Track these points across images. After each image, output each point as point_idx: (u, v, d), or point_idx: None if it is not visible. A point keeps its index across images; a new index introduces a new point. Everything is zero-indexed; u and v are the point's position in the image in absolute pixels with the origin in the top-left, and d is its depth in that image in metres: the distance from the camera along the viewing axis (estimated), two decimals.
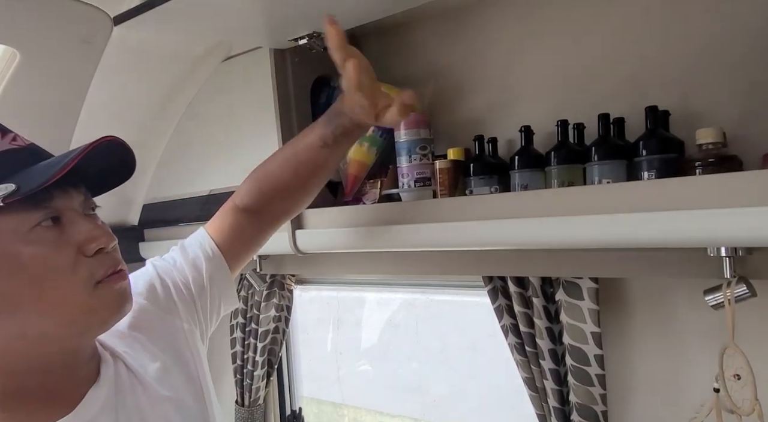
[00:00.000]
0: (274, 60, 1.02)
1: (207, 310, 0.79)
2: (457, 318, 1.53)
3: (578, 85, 0.95)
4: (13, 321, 0.54)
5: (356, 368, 1.84)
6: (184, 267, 0.78)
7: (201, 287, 0.77)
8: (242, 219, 0.83)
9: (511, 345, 1.03)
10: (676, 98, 0.85)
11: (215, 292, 0.79)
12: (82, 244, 0.56)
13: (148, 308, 0.73)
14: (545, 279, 0.98)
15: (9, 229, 0.53)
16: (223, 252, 0.81)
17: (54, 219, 0.56)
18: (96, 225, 0.58)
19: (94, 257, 0.57)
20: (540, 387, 0.99)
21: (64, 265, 0.55)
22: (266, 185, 0.83)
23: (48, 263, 0.54)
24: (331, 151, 0.79)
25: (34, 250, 0.54)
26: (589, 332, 0.92)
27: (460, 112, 1.09)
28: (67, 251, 0.55)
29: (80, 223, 0.57)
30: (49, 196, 0.55)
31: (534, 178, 0.91)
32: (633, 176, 0.83)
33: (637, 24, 0.89)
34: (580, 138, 0.90)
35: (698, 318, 0.88)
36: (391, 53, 1.16)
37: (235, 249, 0.83)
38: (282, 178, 0.82)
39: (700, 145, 0.76)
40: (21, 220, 0.54)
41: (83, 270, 0.56)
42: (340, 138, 0.77)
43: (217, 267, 0.79)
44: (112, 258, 0.59)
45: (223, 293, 0.80)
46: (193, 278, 0.77)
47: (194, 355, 0.73)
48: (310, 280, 1.56)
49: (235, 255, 0.83)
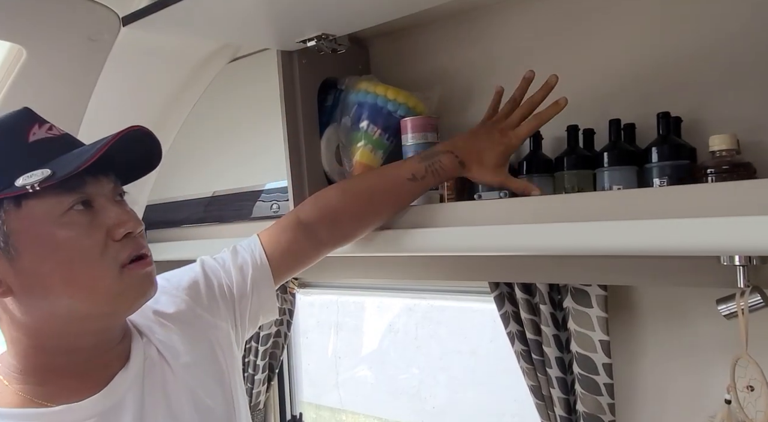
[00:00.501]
0: (281, 61, 1.01)
1: (245, 316, 0.79)
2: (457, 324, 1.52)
3: (588, 90, 0.94)
4: (45, 300, 0.58)
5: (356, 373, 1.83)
6: (231, 270, 0.79)
7: (243, 293, 0.78)
8: (300, 236, 0.83)
9: (517, 352, 1.02)
10: (688, 105, 0.83)
11: (256, 301, 0.80)
12: (111, 228, 0.60)
13: (189, 304, 0.74)
14: (553, 286, 0.96)
15: (44, 212, 0.57)
16: (272, 264, 0.81)
17: (85, 204, 0.59)
18: (124, 211, 0.62)
19: (120, 241, 0.60)
20: (546, 396, 0.98)
21: (94, 248, 0.58)
22: (339, 205, 0.85)
23: (79, 245, 0.58)
24: (416, 185, 0.83)
25: (66, 233, 0.57)
26: (598, 340, 0.91)
27: (468, 117, 1.08)
28: (96, 234, 0.59)
29: (110, 208, 0.60)
30: (81, 182, 0.58)
31: (543, 183, 0.90)
32: (644, 183, 0.81)
33: (649, 29, 0.88)
34: (590, 143, 0.90)
35: (710, 328, 0.86)
36: (399, 56, 1.15)
37: (285, 264, 0.83)
38: (356, 202, 0.84)
39: (713, 152, 0.75)
40: (55, 204, 0.57)
41: (110, 253, 0.59)
42: (430, 175, 0.82)
43: (263, 277, 0.80)
44: (136, 243, 0.62)
45: (264, 303, 0.81)
46: (237, 283, 0.78)
47: (227, 357, 0.74)
48: (313, 284, 1.55)
49: (283, 270, 0.83)
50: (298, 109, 1.05)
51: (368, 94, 1.07)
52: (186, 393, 0.67)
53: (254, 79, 1.14)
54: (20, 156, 0.57)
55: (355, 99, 1.08)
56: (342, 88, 1.10)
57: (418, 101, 1.06)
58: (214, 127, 1.29)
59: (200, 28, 0.87)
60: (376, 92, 1.06)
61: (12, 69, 0.84)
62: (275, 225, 0.86)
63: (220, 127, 1.28)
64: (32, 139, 0.58)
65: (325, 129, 1.09)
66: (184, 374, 0.68)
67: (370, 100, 1.06)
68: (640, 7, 0.89)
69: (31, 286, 0.58)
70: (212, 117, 1.27)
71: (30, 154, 0.58)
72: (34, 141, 0.58)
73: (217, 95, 1.20)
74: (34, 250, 0.57)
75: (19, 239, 0.57)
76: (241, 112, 1.23)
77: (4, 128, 0.60)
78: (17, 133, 0.59)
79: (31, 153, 0.58)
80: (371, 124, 1.06)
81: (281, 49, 1.01)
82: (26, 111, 0.62)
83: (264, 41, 0.99)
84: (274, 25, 0.90)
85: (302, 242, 0.84)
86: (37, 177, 0.54)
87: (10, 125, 0.60)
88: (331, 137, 1.11)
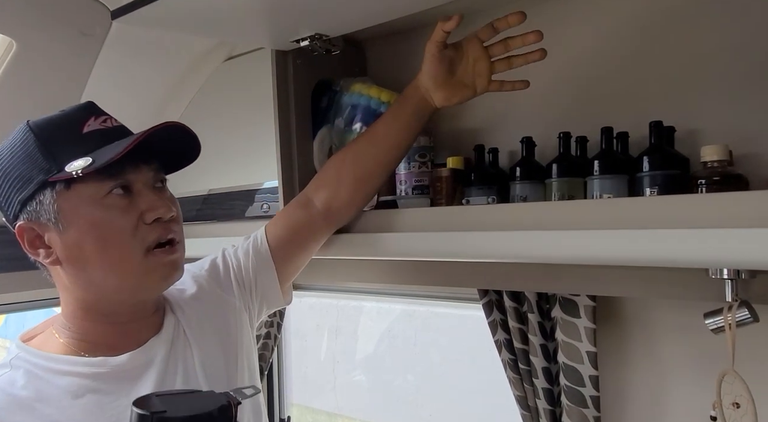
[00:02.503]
0: (275, 61, 1.01)
1: (255, 300, 0.86)
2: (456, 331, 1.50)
3: (581, 98, 0.94)
4: (84, 271, 0.67)
5: (352, 377, 1.81)
6: (240, 255, 0.86)
7: (248, 277, 0.85)
8: (299, 211, 0.89)
9: (504, 360, 1.00)
10: (682, 115, 0.82)
11: (260, 286, 0.86)
12: (144, 212, 0.67)
13: (210, 283, 0.83)
14: (542, 294, 0.95)
15: (88, 194, 0.65)
16: (272, 246, 0.86)
17: (125, 189, 0.66)
18: (159, 197, 0.68)
19: (150, 225, 0.67)
20: (532, 407, 0.96)
21: (126, 229, 0.66)
22: (333, 171, 0.89)
23: (113, 225, 0.65)
24: (392, 127, 0.86)
25: (104, 213, 0.65)
26: (585, 351, 0.89)
27: (461, 121, 1.07)
28: (130, 217, 0.66)
29: (145, 194, 0.67)
30: (121, 169, 0.66)
31: (534, 189, 0.89)
32: (634, 192, 0.80)
33: (642, 38, 0.87)
34: (583, 151, 0.88)
35: (698, 342, 0.85)
36: (396, 59, 1.15)
37: (286, 245, 0.88)
38: (348, 166, 0.88)
39: (705, 163, 0.73)
40: (97, 188, 0.65)
41: (139, 235, 0.66)
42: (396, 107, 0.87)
43: (263, 260, 0.85)
44: (165, 228, 0.68)
45: (267, 290, 0.86)
46: (244, 267, 0.85)
47: (238, 334, 0.80)
48: (305, 286, 1.54)
49: (284, 253, 0.88)
50: (291, 109, 1.04)
51: (362, 95, 1.06)
52: (198, 362, 0.74)
53: (250, 77, 1.14)
54: (73, 145, 0.65)
55: (349, 100, 1.07)
56: (337, 89, 1.10)
57: None
58: (210, 125, 1.29)
59: (192, 24, 0.87)
60: (370, 94, 1.05)
61: (2, 61, 0.84)
62: (279, 212, 0.92)
63: (215, 125, 1.28)
64: (86, 130, 0.66)
65: (318, 130, 1.09)
66: (200, 346, 0.75)
67: (364, 101, 1.06)
68: (635, 15, 0.88)
69: (75, 258, 0.67)
70: (208, 115, 1.27)
71: (82, 143, 0.66)
72: (87, 132, 0.66)
73: (213, 93, 1.20)
74: (77, 227, 0.65)
75: (66, 216, 0.65)
76: (237, 110, 1.23)
77: (64, 120, 0.68)
78: (74, 124, 0.67)
79: (83, 142, 0.66)
80: (364, 126, 1.05)
81: (275, 49, 1.00)
82: (88, 105, 0.71)
83: (257, 40, 0.99)
84: (267, 23, 0.90)
85: (299, 215, 0.88)
86: (81, 164, 0.63)
87: (69, 117, 0.68)
88: (325, 138, 1.10)
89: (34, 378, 0.65)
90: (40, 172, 0.64)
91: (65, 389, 0.65)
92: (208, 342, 0.77)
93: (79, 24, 0.82)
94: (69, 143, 0.66)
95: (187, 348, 0.75)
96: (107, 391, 0.67)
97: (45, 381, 0.65)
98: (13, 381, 0.65)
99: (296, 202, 0.91)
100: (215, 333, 0.78)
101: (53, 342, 0.70)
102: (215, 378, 0.74)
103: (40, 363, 0.67)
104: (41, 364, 0.67)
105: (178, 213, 0.72)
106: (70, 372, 0.66)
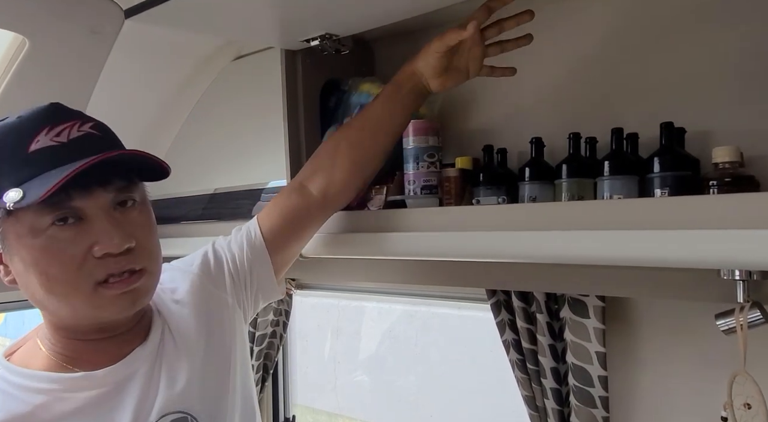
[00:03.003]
0: (284, 60, 1.01)
1: (248, 294, 0.82)
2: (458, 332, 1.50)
3: (592, 98, 0.94)
4: (36, 300, 0.63)
5: (353, 378, 1.81)
6: (234, 247, 0.82)
7: (243, 269, 0.81)
8: (293, 197, 0.85)
9: (512, 361, 1.00)
10: (693, 116, 0.82)
11: (255, 278, 0.81)
12: (92, 245, 0.59)
13: (201, 278, 0.78)
14: (550, 295, 0.95)
15: (28, 224, 0.58)
16: (266, 237, 0.82)
17: (74, 217, 0.59)
18: (113, 227, 0.60)
19: (101, 259, 0.59)
20: (540, 407, 0.96)
21: (70, 264, 0.59)
22: (327, 156, 0.86)
23: (56, 259, 0.59)
24: (388, 107, 0.85)
25: (46, 246, 0.58)
26: (594, 352, 0.89)
27: (470, 122, 1.07)
28: (76, 250, 0.59)
29: (97, 224, 0.59)
30: (66, 197, 0.58)
31: (543, 190, 0.89)
32: (645, 193, 0.80)
33: (653, 38, 0.87)
34: (592, 152, 0.88)
35: (708, 343, 0.85)
36: (403, 59, 1.14)
37: (280, 233, 0.83)
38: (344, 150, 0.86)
39: (717, 164, 0.73)
40: (38, 218, 0.58)
41: (87, 269, 0.59)
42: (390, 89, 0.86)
43: (259, 252, 0.81)
44: (118, 263, 0.60)
45: (263, 281, 0.82)
46: (238, 259, 0.80)
47: (230, 332, 0.76)
48: (311, 286, 1.54)
49: (279, 241, 0.83)
50: (299, 108, 1.04)
51: (370, 95, 1.06)
52: (186, 366, 0.70)
53: (258, 77, 1.14)
54: (15, 168, 0.58)
55: (357, 100, 1.07)
56: (345, 89, 1.10)
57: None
58: (218, 124, 1.29)
59: (203, 23, 0.87)
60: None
61: (15, 59, 0.85)
62: (271, 201, 0.87)
63: (223, 124, 1.28)
64: (33, 148, 0.58)
65: (327, 130, 1.09)
66: (190, 353, 0.72)
67: None
68: (646, 14, 0.88)
69: (24, 285, 0.63)
70: (216, 114, 1.27)
71: (23, 166, 0.58)
72: (34, 150, 0.58)
73: (221, 93, 1.20)
74: (21, 256, 0.60)
75: (10, 244, 0.61)
76: (244, 110, 1.23)
77: (13, 134, 0.60)
78: (21, 140, 0.59)
79: (24, 166, 0.58)
80: None
81: (285, 48, 1.00)
82: (49, 109, 0.61)
83: (267, 39, 0.99)
84: (277, 23, 0.90)
85: (294, 202, 0.85)
86: (13, 197, 0.56)
87: (19, 130, 0.60)
88: None
89: (7, 398, 0.62)
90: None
91: (42, 407, 0.62)
92: (198, 347, 0.73)
93: (91, 22, 0.83)
94: (9, 166, 0.58)
95: (175, 357, 0.70)
96: (87, 411, 0.63)
97: (19, 400, 0.62)
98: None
99: (289, 189, 0.87)
100: (208, 335, 0.74)
101: (36, 354, 0.67)
102: (205, 388, 0.71)
103: (16, 381, 0.63)
104: (17, 383, 0.63)
105: (144, 238, 0.63)
106: (47, 389, 0.63)
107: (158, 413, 0.66)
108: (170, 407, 0.67)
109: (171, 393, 0.68)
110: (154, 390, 0.67)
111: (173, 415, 0.67)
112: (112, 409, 0.64)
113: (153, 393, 0.67)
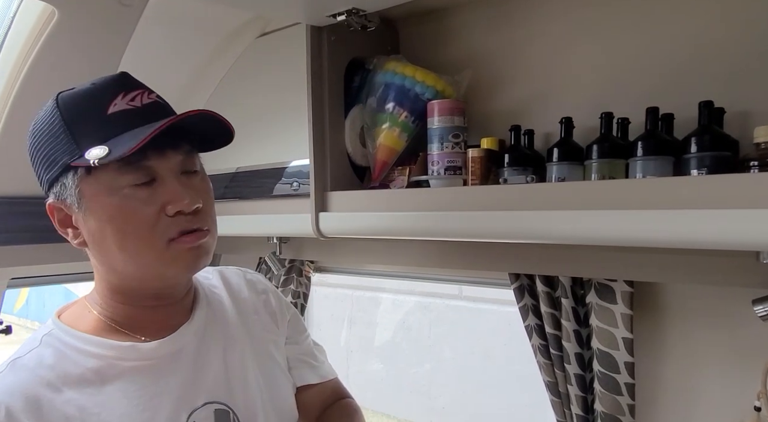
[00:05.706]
0: (310, 37, 1.00)
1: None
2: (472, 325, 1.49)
3: (625, 79, 0.91)
4: (106, 257, 0.66)
5: (366, 368, 1.81)
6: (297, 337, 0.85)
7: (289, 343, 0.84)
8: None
9: (534, 346, 0.99)
10: (732, 97, 0.79)
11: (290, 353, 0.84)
12: (165, 205, 0.63)
13: (259, 306, 0.80)
14: (576, 279, 0.93)
15: (107, 183, 0.62)
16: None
17: (150, 178, 0.63)
18: (185, 187, 0.64)
19: (174, 217, 0.63)
20: (563, 393, 0.95)
21: (145, 221, 0.62)
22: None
23: (132, 217, 0.62)
24: None
25: (123, 204, 0.62)
26: (621, 338, 0.87)
27: (497, 102, 1.05)
28: (151, 208, 0.63)
29: (170, 183, 0.63)
30: (143, 157, 0.62)
31: (572, 171, 0.87)
32: (680, 175, 0.78)
33: (689, 15, 0.84)
34: (624, 133, 0.86)
35: (741, 329, 0.82)
36: (429, 38, 1.13)
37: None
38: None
39: (758, 144, 0.71)
40: (117, 177, 0.62)
41: (160, 227, 0.63)
42: None
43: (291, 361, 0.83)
44: (188, 220, 0.64)
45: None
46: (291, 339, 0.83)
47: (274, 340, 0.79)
48: (329, 268, 1.54)
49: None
50: (324, 86, 1.03)
51: (396, 74, 1.05)
52: (239, 355, 0.73)
53: (283, 54, 1.13)
54: (96, 128, 0.62)
55: (382, 79, 1.06)
56: (370, 67, 1.09)
57: (446, 84, 1.03)
58: (241, 102, 1.29)
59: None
60: (405, 73, 1.04)
61: (44, 30, 0.85)
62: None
63: (246, 102, 1.28)
64: (111, 110, 0.62)
65: (350, 110, 1.08)
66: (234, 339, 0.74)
67: (398, 81, 1.04)
68: None
69: (97, 243, 0.65)
70: (239, 92, 1.27)
71: (105, 126, 0.62)
72: (112, 113, 0.62)
73: (245, 70, 1.19)
74: (97, 214, 0.63)
75: (88, 203, 0.63)
76: (268, 88, 1.22)
77: (90, 98, 0.64)
78: (99, 103, 0.63)
79: (105, 126, 0.62)
80: (397, 106, 1.04)
81: (310, 24, 0.99)
82: (120, 77, 0.66)
83: (293, 14, 0.98)
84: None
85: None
86: (97, 153, 0.59)
87: (96, 94, 0.64)
88: (356, 118, 1.09)
89: (62, 358, 0.64)
90: (64, 154, 0.62)
91: (93, 371, 0.64)
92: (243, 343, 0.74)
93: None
94: (91, 126, 0.62)
95: (220, 344, 0.72)
96: (134, 380, 0.65)
97: (73, 361, 0.64)
98: (41, 360, 0.64)
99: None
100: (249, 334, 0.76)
101: (86, 316, 0.69)
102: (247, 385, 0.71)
103: (71, 342, 0.66)
104: (71, 343, 0.66)
105: (207, 202, 0.67)
106: (99, 354, 0.65)
107: (205, 399, 0.68)
108: (218, 396, 0.69)
109: (218, 383, 0.69)
110: (201, 374, 0.69)
111: (217, 405, 0.68)
112: (158, 382, 0.66)
113: (200, 376, 0.68)
